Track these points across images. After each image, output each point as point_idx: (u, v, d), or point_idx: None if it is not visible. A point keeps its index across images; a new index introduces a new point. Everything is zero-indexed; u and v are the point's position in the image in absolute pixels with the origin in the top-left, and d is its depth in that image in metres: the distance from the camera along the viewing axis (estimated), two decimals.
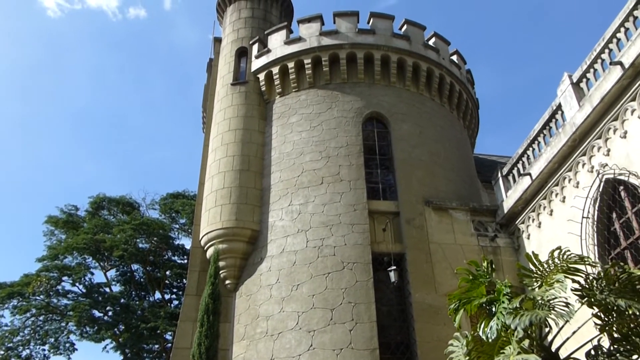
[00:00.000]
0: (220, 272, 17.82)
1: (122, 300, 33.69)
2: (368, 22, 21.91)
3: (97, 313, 32.71)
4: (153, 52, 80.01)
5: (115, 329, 32.28)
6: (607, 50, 13.56)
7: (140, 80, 79.64)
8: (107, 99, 76.94)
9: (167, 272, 35.32)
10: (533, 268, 8.22)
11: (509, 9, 72.56)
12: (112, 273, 35.66)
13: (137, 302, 34.46)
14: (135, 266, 35.50)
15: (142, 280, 35.98)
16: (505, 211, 17.81)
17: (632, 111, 12.68)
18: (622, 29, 13.01)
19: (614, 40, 13.29)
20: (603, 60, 13.75)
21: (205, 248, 18.86)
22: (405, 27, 22.22)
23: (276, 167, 19.20)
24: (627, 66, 12.32)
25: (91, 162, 76.56)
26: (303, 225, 17.33)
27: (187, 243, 36.47)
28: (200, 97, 28.39)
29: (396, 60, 21.06)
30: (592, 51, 14.03)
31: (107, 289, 34.78)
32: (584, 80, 14.56)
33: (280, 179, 18.80)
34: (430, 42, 22.62)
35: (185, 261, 32.68)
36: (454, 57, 23.66)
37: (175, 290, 36.13)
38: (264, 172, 19.46)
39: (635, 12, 12.57)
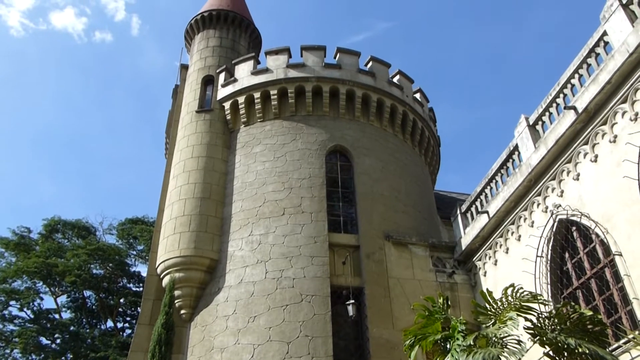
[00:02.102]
0: (176, 301, 17.42)
1: (72, 328, 32.56)
2: (335, 57, 22.28)
3: (44, 340, 31.57)
4: (118, 77, 79.32)
5: (63, 358, 31.07)
6: (562, 95, 14.10)
7: (104, 103, 78.58)
8: (69, 121, 75.72)
9: (121, 300, 34.39)
10: (487, 305, 8.33)
11: (470, 51, 75.00)
12: (62, 299, 34.66)
13: (88, 330, 33.38)
14: (87, 292, 34.53)
15: (94, 307, 34.91)
16: (463, 248, 18.04)
17: (585, 154, 13.15)
18: (577, 75, 13.58)
19: (569, 85, 13.84)
20: (558, 104, 14.29)
21: (161, 276, 18.43)
22: (370, 63, 22.66)
23: (238, 197, 19.07)
24: (580, 111, 12.83)
25: (49, 183, 74.64)
26: (263, 256, 17.16)
27: (143, 270, 35.68)
28: (164, 122, 28.16)
29: (361, 95, 21.40)
30: (548, 95, 14.56)
31: (57, 316, 33.60)
32: (540, 122, 15.06)
33: (241, 209, 18.65)
34: (395, 80, 23.09)
35: (141, 289, 31.82)
36: (417, 95, 24.16)
37: (128, 318, 35.19)
38: (225, 200, 19.28)
39: (589, 60, 13.16)
